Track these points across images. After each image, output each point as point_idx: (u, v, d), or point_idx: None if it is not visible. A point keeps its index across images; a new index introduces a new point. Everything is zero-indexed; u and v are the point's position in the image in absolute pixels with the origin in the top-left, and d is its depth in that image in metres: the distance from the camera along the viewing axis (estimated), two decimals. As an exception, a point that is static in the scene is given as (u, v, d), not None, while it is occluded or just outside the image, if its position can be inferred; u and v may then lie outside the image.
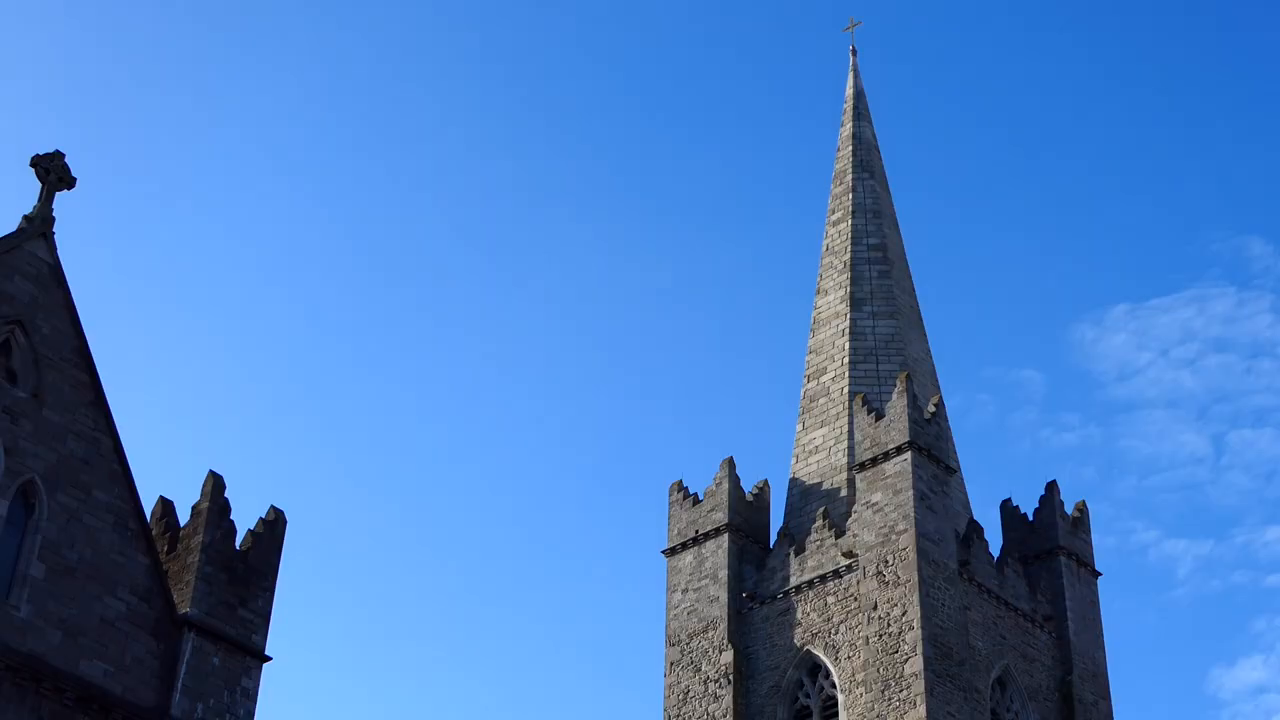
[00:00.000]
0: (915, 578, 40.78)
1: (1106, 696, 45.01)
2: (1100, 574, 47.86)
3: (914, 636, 39.89)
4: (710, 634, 44.64)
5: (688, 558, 46.52)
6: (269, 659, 29.43)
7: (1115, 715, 45.16)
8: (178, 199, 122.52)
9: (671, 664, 45.26)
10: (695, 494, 47.78)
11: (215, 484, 29.35)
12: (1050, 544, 46.52)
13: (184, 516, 29.50)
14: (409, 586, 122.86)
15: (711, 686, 43.46)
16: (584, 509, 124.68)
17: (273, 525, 30.20)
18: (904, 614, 40.48)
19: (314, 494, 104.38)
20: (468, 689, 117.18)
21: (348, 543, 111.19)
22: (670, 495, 48.49)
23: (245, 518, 29.76)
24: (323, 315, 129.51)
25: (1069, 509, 48.10)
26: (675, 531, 47.52)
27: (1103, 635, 46.79)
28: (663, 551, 47.64)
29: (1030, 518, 47.91)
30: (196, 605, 28.20)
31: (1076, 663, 44.79)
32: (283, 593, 30.96)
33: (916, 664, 39.52)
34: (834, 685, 42.14)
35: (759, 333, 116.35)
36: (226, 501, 29.41)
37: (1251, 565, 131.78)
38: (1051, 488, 47.87)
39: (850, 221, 53.13)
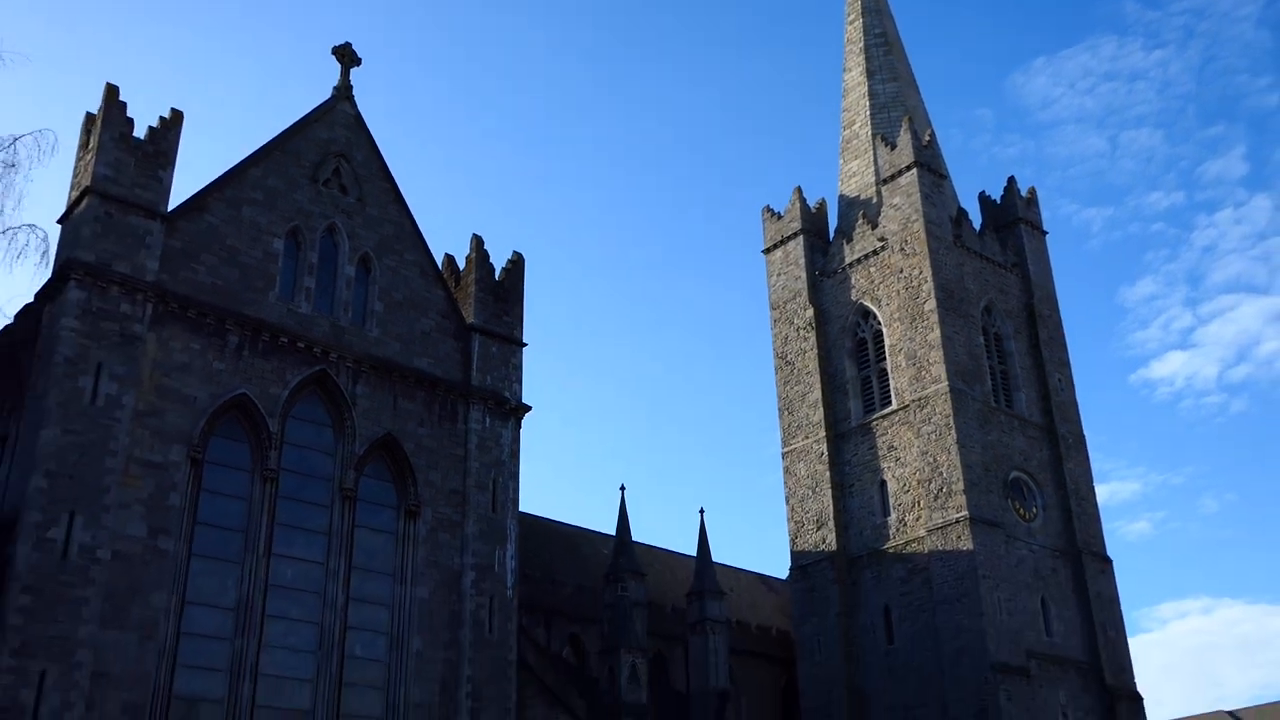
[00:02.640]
0: (925, 248, 51.66)
1: (1056, 311, 56.84)
2: (1046, 233, 59.03)
3: (928, 286, 51.06)
4: (797, 299, 56.64)
5: (778, 253, 58.48)
6: (525, 344, 37.43)
7: (1063, 324, 56.69)
8: (442, 70, 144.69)
9: (775, 321, 57.50)
10: (778, 212, 59.21)
11: (478, 242, 38.01)
12: (1013, 217, 57.99)
13: (461, 264, 37.94)
14: (593, 290, 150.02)
15: (802, 331, 55.68)
16: (715, 229, 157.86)
17: (516, 264, 38.76)
18: (920, 272, 51.56)
19: (539, 239, 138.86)
20: (644, 365, 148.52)
21: (561, 274, 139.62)
22: (763, 215, 59.97)
23: (499, 259, 38.57)
24: (553, 101, 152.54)
25: (1023, 193, 58.78)
26: (768, 238, 59.36)
27: (1051, 273, 57.97)
28: (762, 251, 59.51)
29: (998, 202, 58.94)
30: (477, 316, 36.43)
31: (1035, 291, 56.31)
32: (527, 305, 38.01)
33: (931, 303, 50.75)
34: (879, 322, 53.87)
35: (810, 104, 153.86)
36: (486, 253, 38.08)
37: (1141, 219, 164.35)
38: (1011, 181, 58.99)
39: (862, 20, 62.72)
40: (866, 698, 49.34)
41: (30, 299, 29.21)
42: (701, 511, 51.65)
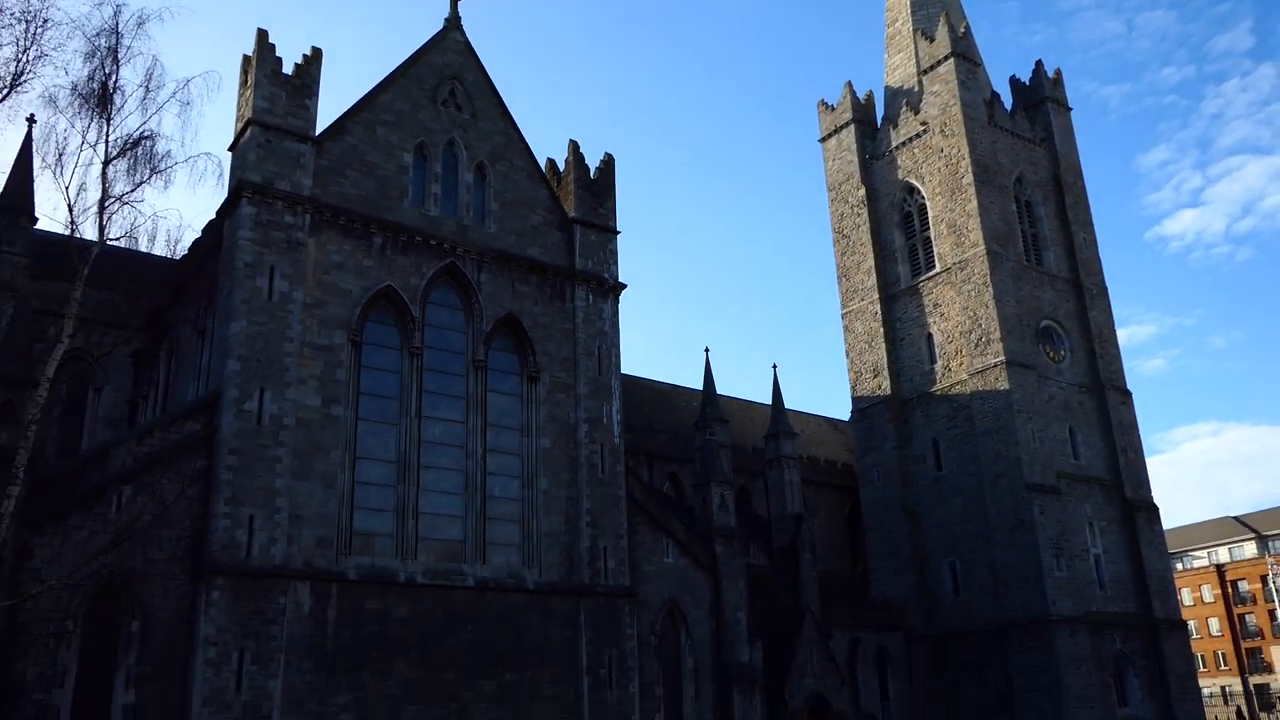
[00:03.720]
0: (963, 129, 50.44)
1: (1080, 178, 55.05)
2: (1071, 110, 56.69)
3: (966, 163, 49.95)
4: (851, 180, 55.85)
5: (832, 141, 57.46)
6: (619, 232, 37.23)
7: (1087, 190, 54.82)
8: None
9: (832, 200, 56.78)
10: (832, 105, 57.92)
11: (575, 147, 37.48)
12: (1040, 97, 55.82)
13: (561, 166, 37.36)
14: (677, 181, 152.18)
15: (855, 208, 55.08)
16: (778, 124, 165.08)
17: (608, 164, 38.25)
18: (958, 151, 50.36)
19: (628, 141, 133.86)
20: (722, 244, 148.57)
21: (649, 168, 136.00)
22: (818, 107, 58.72)
23: (593, 160, 38.11)
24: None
25: (1049, 75, 56.32)
26: (823, 127, 58.20)
27: (1075, 145, 55.98)
28: (818, 140, 58.52)
29: (1027, 84, 56.79)
30: (577, 210, 36.37)
31: (1061, 162, 54.55)
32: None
33: (969, 178, 49.68)
34: (923, 196, 52.84)
35: (855, 7, 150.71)
36: (582, 155, 37.71)
37: (1155, 93, 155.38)
38: (1038, 64, 56.82)
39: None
40: (919, 517, 50.03)
41: (212, 216, 30.05)
42: (774, 366, 56.19)
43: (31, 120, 30.13)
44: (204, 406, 27.03)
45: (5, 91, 17.92)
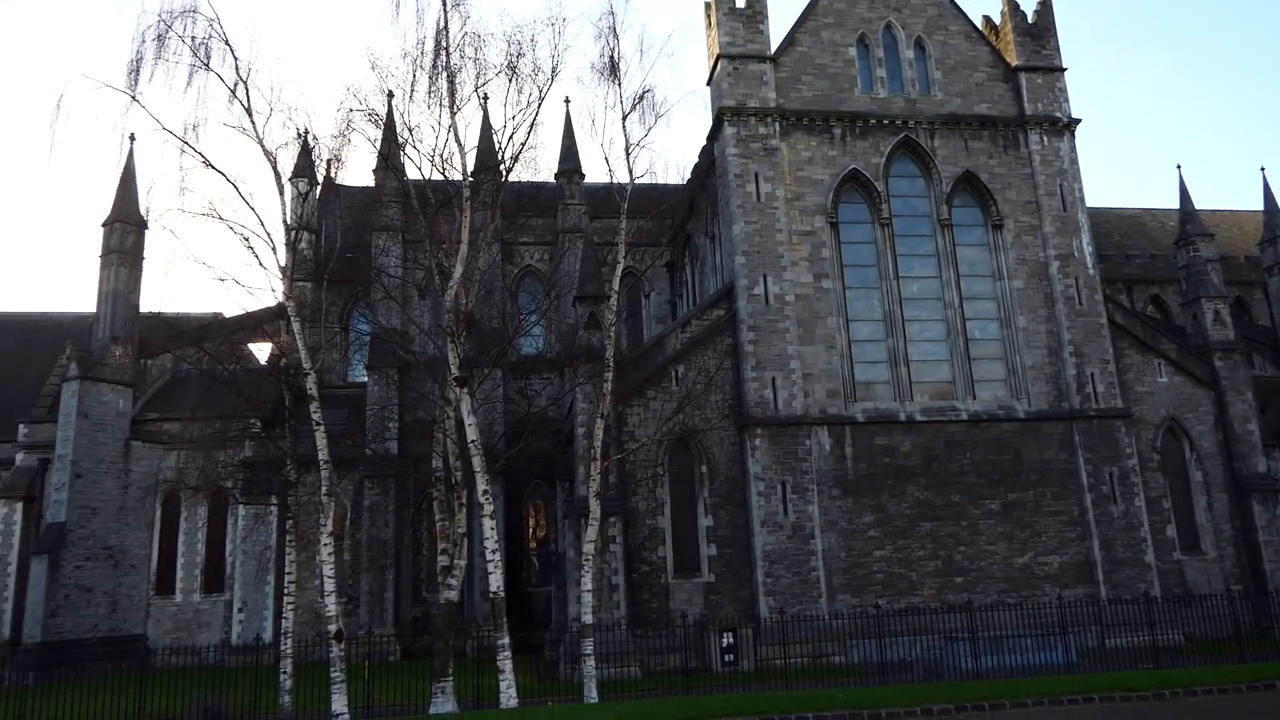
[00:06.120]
0: None
1: None
2: None
3: None
4: None
5: None
6: (1065, 69, 33.00)
7: None
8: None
9: None
10: None
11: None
12: None
13: (997, 19, 33.71)
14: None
15: None
16: None
17: (1045, 5, 33.11)
18: None
19: None
20: (1170, 63, 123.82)
21: None
22: None
23: (1027, 5, 33.71)
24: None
25: None
26: None
27: None
28: None
29: None
30: (1019, 58, 32.56)
31: None
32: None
33: None
34: None
35: None
36: (1016, 3, 33.04)
37: None
38: None
39: None
40: None
41: (703, 142, 31.74)
42: (1263, 169, 45.98)
43: (567, 101, 33.94)
44: (723, 296, 29.17)
45: (549, 82, 20.39)
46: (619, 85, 21.48)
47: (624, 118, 21.80)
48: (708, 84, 31.65)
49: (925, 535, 27.59)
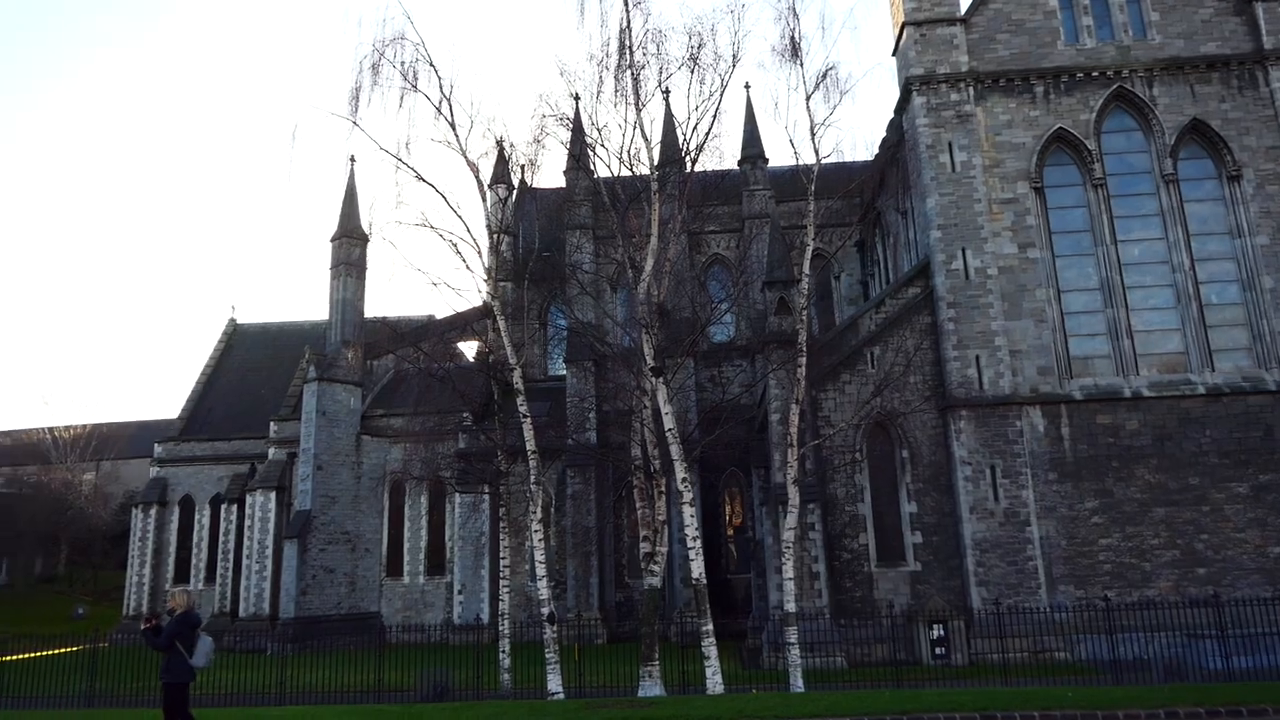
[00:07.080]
0: None
1: None
2: None
3: None
4: None
5: None
6: None
7: None
8: None
9: None
10: None
11: None
12: None
13: None
14: None
15: None
16: None
17: None
18: None
19: None
20: None
21: None
22: None
23: None
24: None
25: None
26: None
27: None
28: None
29: None
30: None
31: None
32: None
33: None
34: None
35: None
36: None
37: None
38: None
39: None
40: None
41: (891, 115, 30.61)
42: None
43: (748, 87, 33.67)
44: (919, 273, 28.00)
45: (730, 70, 20.34)
46: (801, 66, 21.10)
47: (807, 98, 21.37)
48: (893, 54, 30.40)
49: (1159, 522, 25.27)
